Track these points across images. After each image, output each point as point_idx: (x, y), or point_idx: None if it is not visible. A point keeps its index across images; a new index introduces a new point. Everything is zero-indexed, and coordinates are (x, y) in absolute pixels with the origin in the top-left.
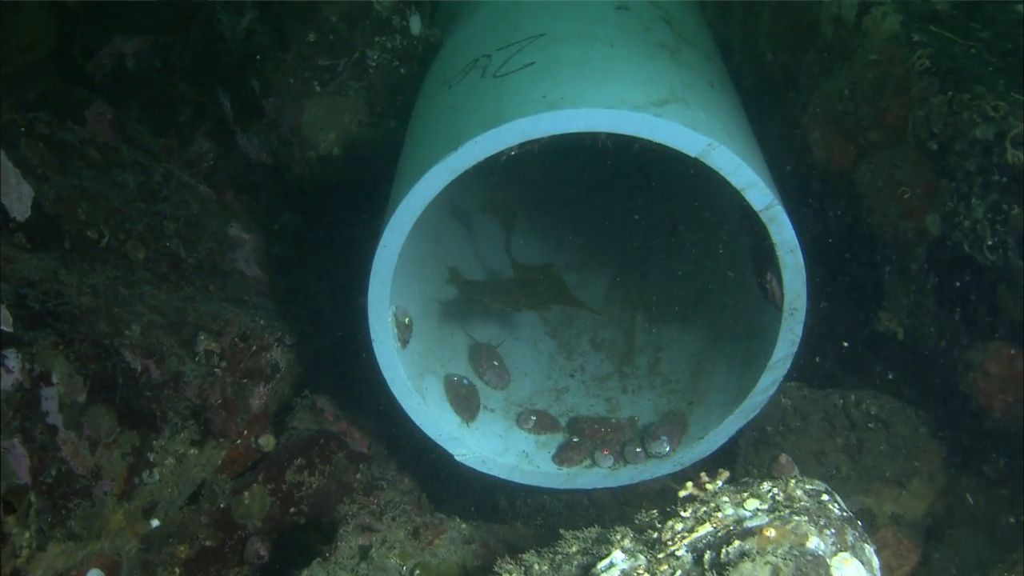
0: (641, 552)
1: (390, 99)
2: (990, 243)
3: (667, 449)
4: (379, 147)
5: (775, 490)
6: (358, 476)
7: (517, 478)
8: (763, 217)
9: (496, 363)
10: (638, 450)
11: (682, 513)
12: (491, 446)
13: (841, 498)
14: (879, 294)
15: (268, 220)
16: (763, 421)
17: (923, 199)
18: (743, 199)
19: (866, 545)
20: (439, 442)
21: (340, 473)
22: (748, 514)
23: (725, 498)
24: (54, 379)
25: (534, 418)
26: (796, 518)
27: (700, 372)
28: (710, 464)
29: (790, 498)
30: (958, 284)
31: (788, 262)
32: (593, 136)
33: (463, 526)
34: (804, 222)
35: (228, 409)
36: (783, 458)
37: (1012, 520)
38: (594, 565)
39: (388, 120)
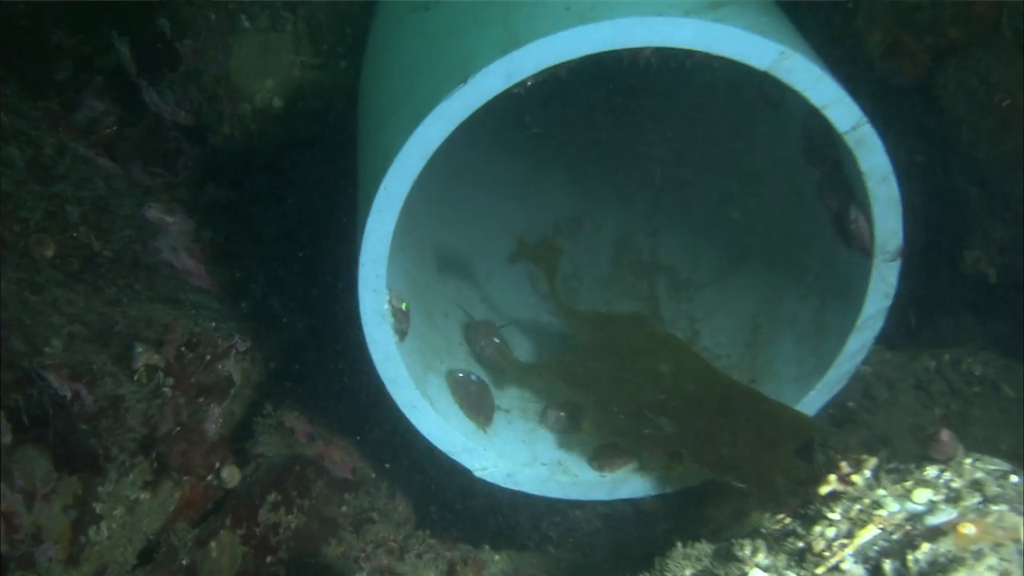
0: (789, 570)
1: (338, 33)
2: None
3: None
4: (329, 94)
5: (947, 475)
6: (343, 509)
7: (551, 492)
8: (848, 140)
9: (496, 339)
10: None
11: (830, 515)
12: (515, 455)
13: None
14: (963, 230)
15: (191, 197)
16: (841, 395)
17: None
18: (813, 121)
19: None
20: (453, 456)
21: (322, 506)
22: (922, 508)
23: (882, 491)
24: None
25: (562, 413)
26: (995, 508)
27: (757, 342)
28: None
29: (974, 483)
30: None
31: (880, 194)
32: (618, 55)
33: (496, 557)
34: None
35: (187, 438)
36: (944, 434)
37: None
38: None
39: (338, 60)
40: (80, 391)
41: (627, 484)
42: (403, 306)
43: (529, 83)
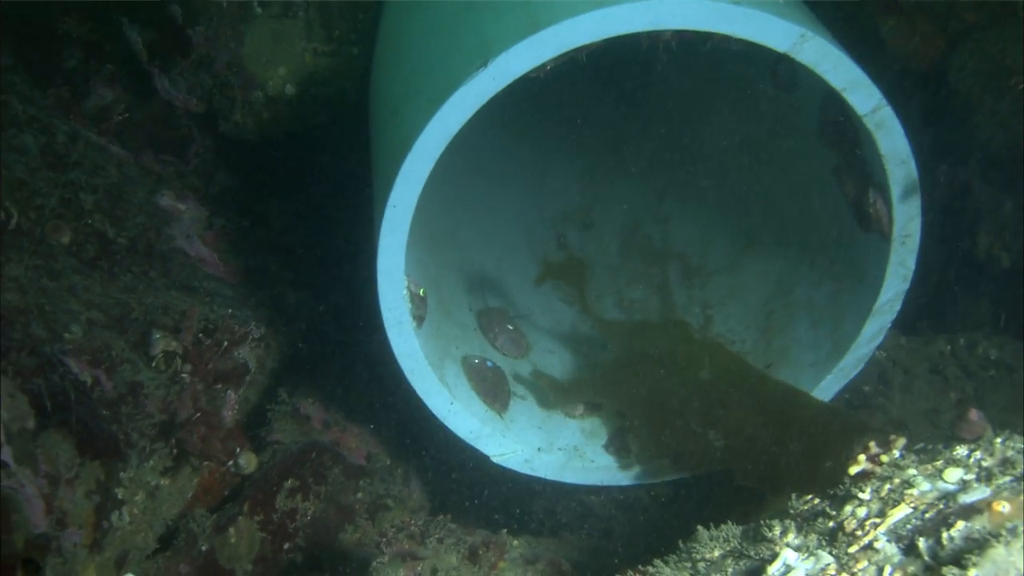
0: (821, 549)
1: (350, 19)
2: None
3: None
4: (341, 81)
5: (977, 453)
6: (359, 495)
7: (568, 478)
8: (868, 123)
9: (511, 327)
10: None
11: (860, 495)
12: (532, 441)
13: None
14: (977, 215)
15: (202, 184)
16: (856, 380)
17: None
18: (830, 105)
19: None
20: (471, 443)
21: (338, 493)
22: (954, 487)
23: (912, 471)
24: None
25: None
26: None
27: (771, 328)
28: None
29: (1005, 461)
30: None
31: (899, 177)
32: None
33: (515, 542)
34: None
35: (208, 424)
36: (973, 413)
37: None
38: (762, 571)
39: (350, 46)
40: (100, 377)
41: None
42: (420, 292)
43: (549, 67)
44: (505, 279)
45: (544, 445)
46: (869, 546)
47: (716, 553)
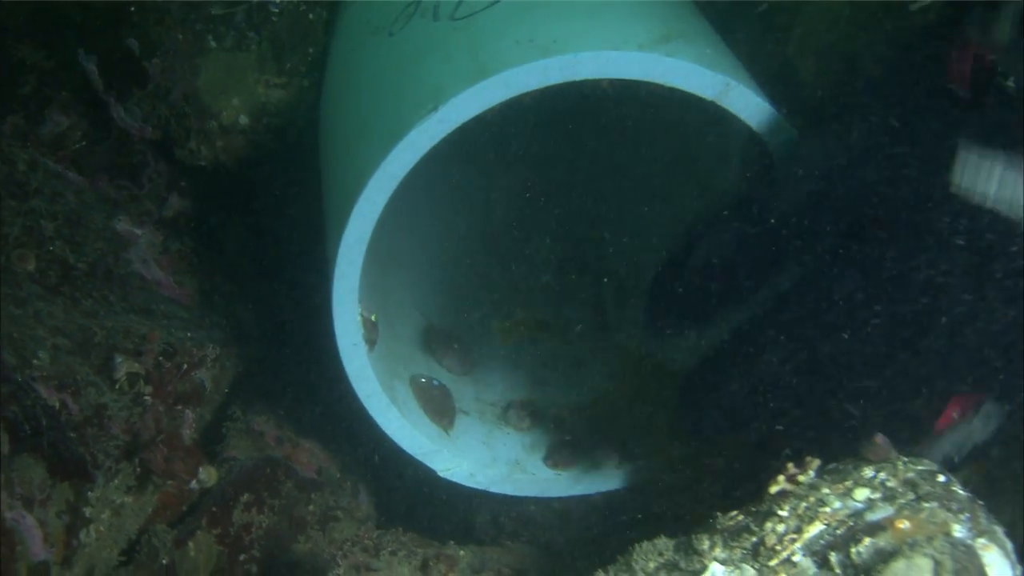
0: (745, 562)
1: (300, 52)
2: None
3: None
4: (292, 111)
5: (882, 475)
6: (311, 508)
7: (510, 490)
8: None
9: (456, 345)
10: None
11: (779, 512)
12: (477, 456)
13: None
14: None
15: (157, 209)
16: None
17: None
18: (749, 144)
19: (996, 527)
20: (420, 459)
21: (291, 506)
22: (861, 506)
23: (826, 490)
24: None
25: (524, 413)
26: (926, 505)
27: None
28: None
29: (903, 482)
30: None
31: None
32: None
33: (462, 552)
34: None
35: (170, 444)
36: (879, 438)
37: None
38: None
39: (300, 78)
40: (67, 401)
41: (582, 481)
42: (372, 318)
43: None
44: (448, 298)
45: (488, 460)
46: (788, 560)
47: (651, 565)
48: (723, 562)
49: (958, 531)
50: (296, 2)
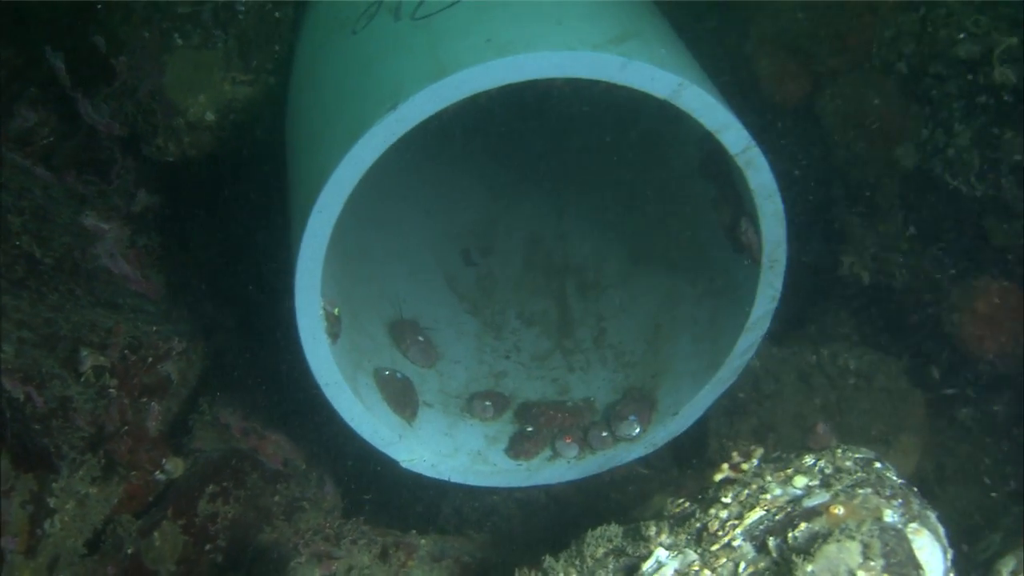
0: (688, 547)
1: (267, 50)
2: (978, 172)
3: (637, 430)
4: (259, 109)
5: (821, 463)
6: (276, 499)
7: (472, 480)
8: (739, 161)
9: (421, 338)
10: (604, 434)
11: (723, 499)
12: (438, 447)
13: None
14: (840, 236)
15: (124, 204)
16: (733, 388)
17: (894, 128)
18: (710, 143)
19: (929, 512)
20: (383, 449)
21: (256, 497)
22: (800, 492)
23: (768, 478)
24: None
25: (487, 403)
26: (860, 491)
27: (658, 339)
28: (683, 443)
29: (840, 470)
30: (936, 219)
31: (767, 209)
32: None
33: (423, 541)
34: None
35: (134, 436)
36: (819, 427)
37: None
38: (637, 568)
39: (267, 76)
40: (31, 393)
41: (543, 471)
42: (335, 311)
43: (453, 108)
44: (415, 291)
45: (450, 451)
46: (728, 544)
47: (601, 551)
48: (668, 547)
49: (889, 516)
50: (263, 1)
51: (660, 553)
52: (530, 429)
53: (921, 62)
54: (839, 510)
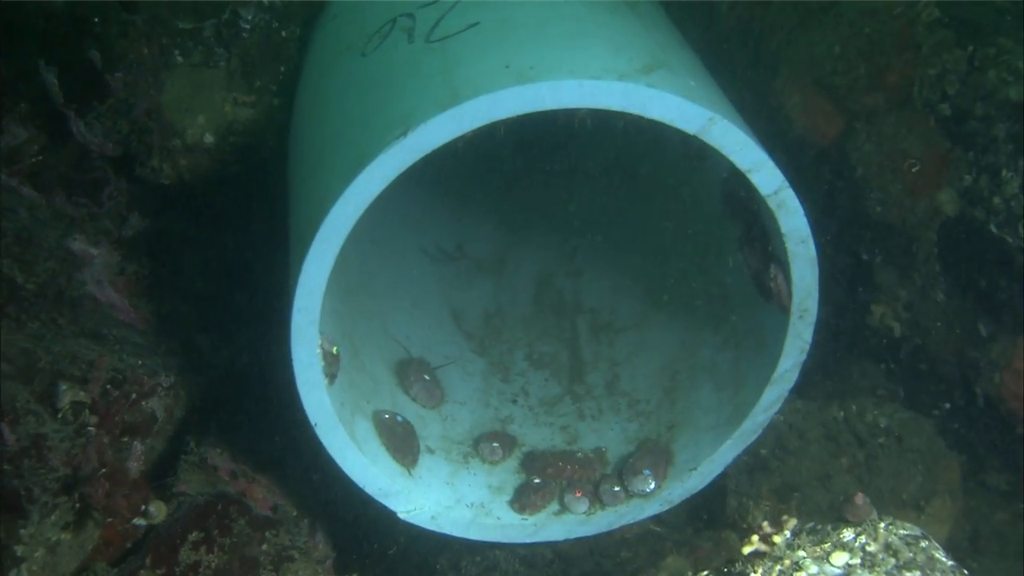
0: None
1: (271, 70)
2: None
3: (652, 486)
4: (261, 132)
5: (863, 538)
6: (264, 547)
7: (474, 535)
8: (770, 203)
9: (426, 376)
10: (616, 489)
11: (752, 574)
12: (439, 497)
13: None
14: (871, 286)
15: (115, 228)
16: (755, 443)
17: (934, 173)
18: (735, 179)
19: None
20: (380, 500)
21: (243, 545)
22: (839, 572)
23: (802, 552)
24: None
25: (495, 444)
26: (908, 573)
27: (675, 389)
28: (699, 499)
29: (887, 547)
30: (977, 269)
31: (799, 254)
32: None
33: None
34: None
35: (112, 478)
36: (859, 498)
37: None
38: None
39: (270, 97)
40: (3, 429)
41: (550, 527)
42: (334, 350)
43: (468, 137)
44: (419, 327)
45: (451, 502)
46: None
47: None
48: None
49: None
50: (268, 18)
51: None
52: (537, 480)
53: (966, 103)
54: None
